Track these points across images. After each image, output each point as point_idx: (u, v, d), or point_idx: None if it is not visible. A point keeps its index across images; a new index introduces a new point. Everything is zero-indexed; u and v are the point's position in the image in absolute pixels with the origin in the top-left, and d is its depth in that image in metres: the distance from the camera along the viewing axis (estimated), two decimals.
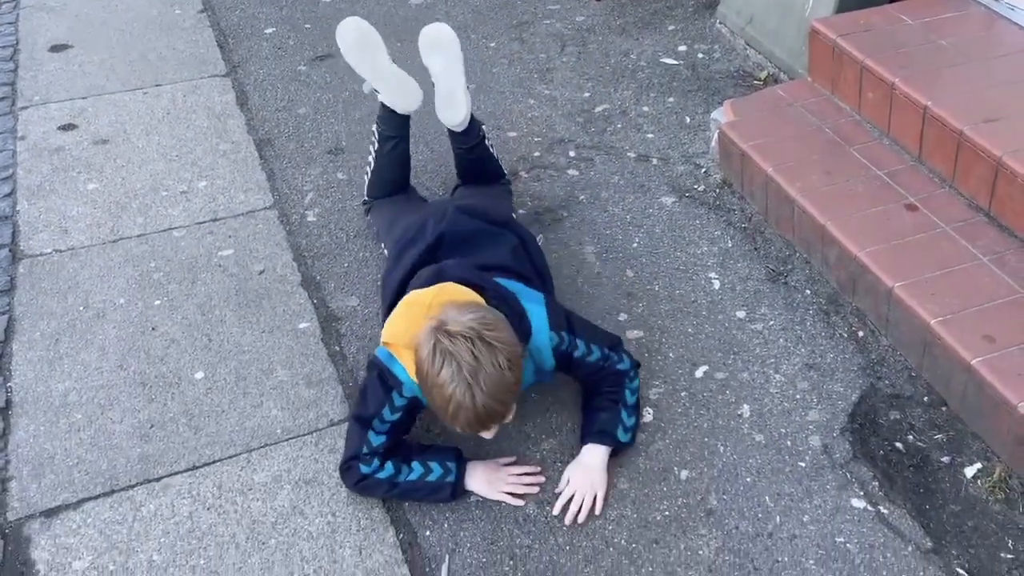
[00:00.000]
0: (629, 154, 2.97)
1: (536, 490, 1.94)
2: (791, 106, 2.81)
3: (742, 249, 2.58)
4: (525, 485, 1.94)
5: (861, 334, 2.29)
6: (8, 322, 2.40)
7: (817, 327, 2.32)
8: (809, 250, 2.49)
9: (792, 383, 2.18)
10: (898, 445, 2.03)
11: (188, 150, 3.05)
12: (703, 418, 2.10)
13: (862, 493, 1.93)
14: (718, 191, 2.79)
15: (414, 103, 2.51)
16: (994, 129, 2.32)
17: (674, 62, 3.43)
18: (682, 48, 3.50)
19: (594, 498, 1.91)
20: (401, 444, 1.94)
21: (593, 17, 3.74)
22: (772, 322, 2.34)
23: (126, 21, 3.81)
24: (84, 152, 3.04)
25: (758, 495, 1.94)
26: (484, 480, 1.94)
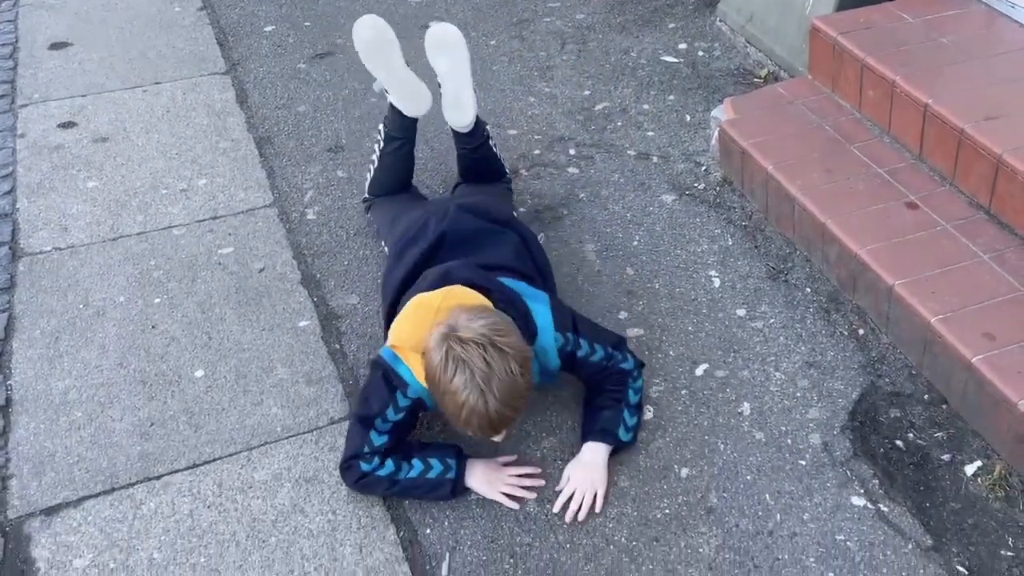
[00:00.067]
0: (629, 152, 2.97)
1: (533, 495, 1.93)
2: (791, 104, 2.81)
3: (742, 247, 2.58)
4: (523, 488, 1.94)
5: (861, 332, 2.29)
6: (8, 320, 2.40)
7: (817, 325, 2.32)
8: (809, 248, 2.49)
9: (792, 381, 2.18)
10: (898, 443, 2.03)
11: (188, 148, 3.05)
12: (703, 416, 2.10)
13: (862, 491, 1.93)
14: (718, 189, 2.79)
15: (423, 107, 2.50)
16: (995, 127, 2.32)
17: (674, 60, 3.42)
18: (682, 46, 3.50)
19: (594, 496, 1.91)
20: (402, 442, 1.94)
21: (593, 15, 3.74)
22: (772, 320, 2.34)
23: (126, 19, 3.81)
24: (84, 150, 3.04)
25: (758, 493, 1.94)
26: (483, 479, 1.94)
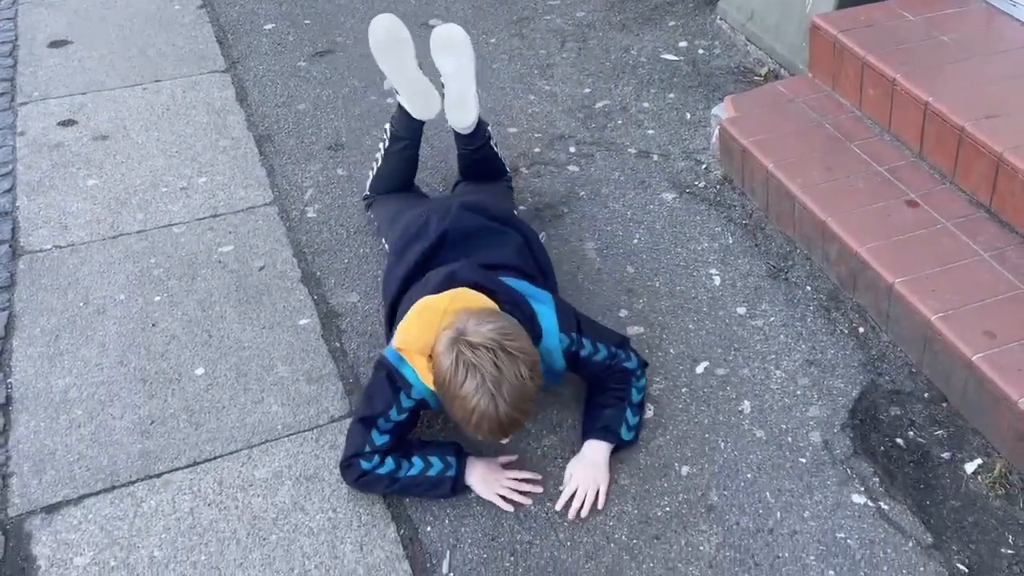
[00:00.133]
0: (630, 150, 2.97)
1: (529, 501, 1.92)
2: (792, 102, 2.81)
3: (743, 245, 2.58)
4: (520, 493, 1.93)
5: (862, 330, 2.29)
6: (8, 318, 2.40)
7: (818, 323, 2.32)
8: (810, 246, 2.49)
9: (793, 379, 2.18)
10: (899, 441, 2.03)
11: (188, 146, 3.04)
12: (704, 414, 2.11)
13: (863, 489, 1.93)
14: (719, 187, 2.79)
15: (431, 111, 2.50)
16: (995, 125, 2.32)
17: (674, 58, 3.42)
18: (683, 44, 3.50)
19: (596, 493, 1.91)
20: (403, 441, 1.94)
21: (593, 13, 3.73)
22: (773, 318, 2.34)
23: (125, 17, 3.81)
24: (84, 148, 3.04)
25: (759, 491, 1.94)
26: (482, 478, 1.93)
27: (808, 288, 2.43)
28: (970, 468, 1.96)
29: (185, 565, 1.83)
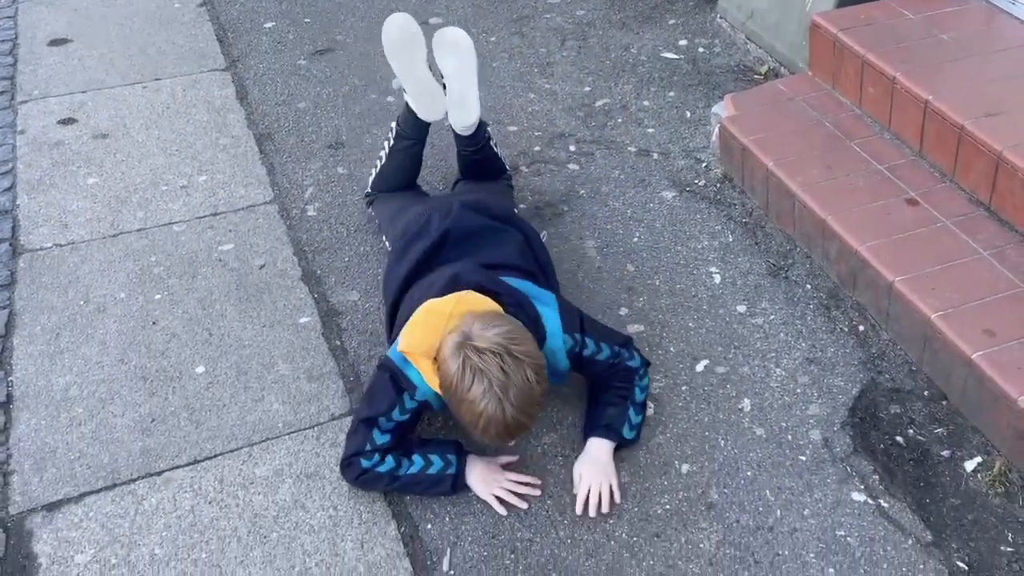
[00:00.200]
0: (630, 148, 2.97)
1: (525, 505, 1.90)
2: (792, 100, 2.81)
3: (743, 244, 2.58)
4: (517, 496, 1.92)
5: (862, 328, 2.29)
6: (9, 316, 2.40)
7: (818, 321, 2.32)
8: (810, 244, 2.49)
9: (793, 377, 2.18)
10: (898, 439, 2.03)
11: (188, 144, 3.04)
12: (704, 412, 2.11)
13: (862, 487, 1.94)
14: (719, 186, 2.79)
15: (436, 113, 2.50)
16: (995, 124, 2.32)
17: (675, 56, 3.42)
18: (683, 42, 3.50)
19: (610, 487, 1.92)
20: (403, 440, 1.94)
21: (593, 11, 3.73)
22: (773, 316, 2.35)
23: (125, 15, 3.80)
24: (84, 146, 3.04)
25: (759, 489, 1.94)
26: (480, 478, 1.93)
27: (808, 286, 2.43)
28: (970, 466, 1.96)
29: (186, 563, 1.83)
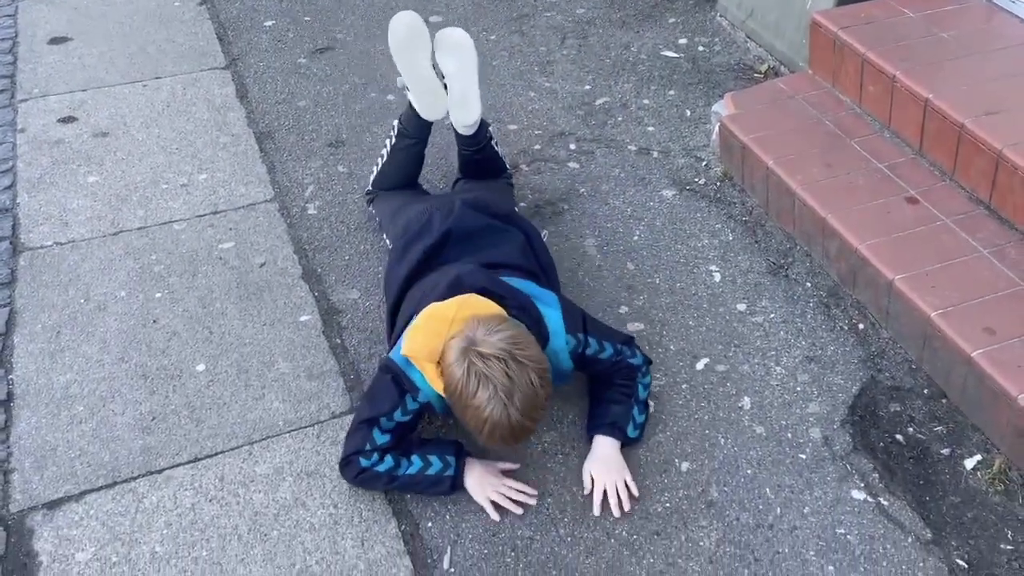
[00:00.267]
0: (630, 147, 2.97)
1: (519, 511, 1.89)
2: (792, 99, 2.81)
3: (743, 242, 2.58)
4: (512, 501, 1.90)
5: (861, 327, 2.30)
6: (9, 315, 2.40)
7: (818, 320, 2.33)
8: (810, 243, 2.49)
9: (793, 375, 2.18)
10: (898, 437, 2.03)
11: (188, 143, 3.04)
12: (704, 410, 2.11)
13: (862, 485, 1.94)
14: (719, 184, 2.80)
15: (438, 112, 2.50)
16: (995, 122, 2.32)
17: (675, 55, 3.42)
18: (683, 41, 3.50)
19: (625, 483, 1.92)
20: (403, 440, 1.94)
21: (593, 10, 3.73)
22: (773, 315, 2.35)
23: (125, 13, 3.80)
24: (84, 145, 3.04)
25: (759, 487, 1.94)
26: (477, 481, 1.92)
27: (808, 285, 2.43)
28: (969, 464, 1.97)
29: (187, 561, 1.83)
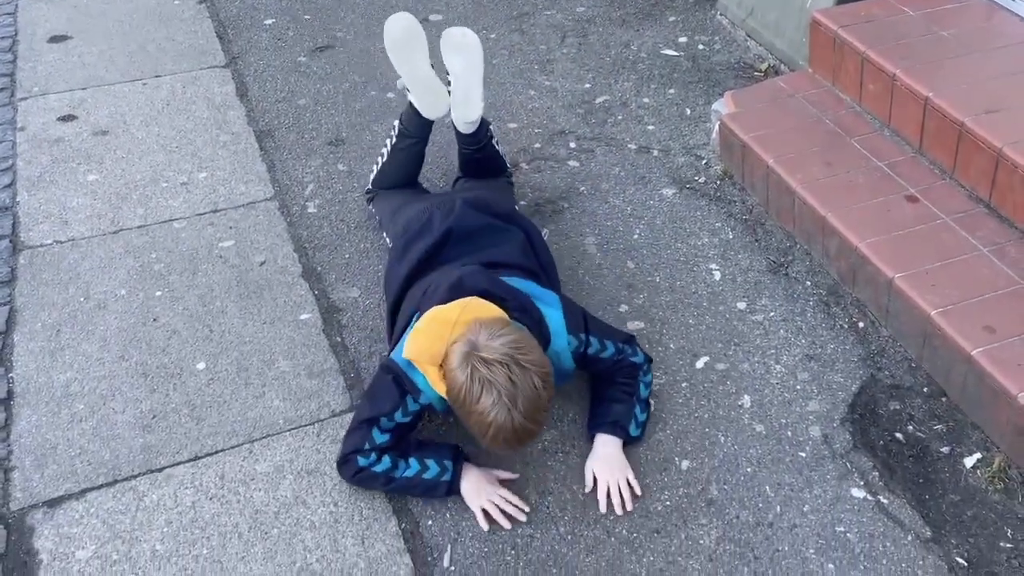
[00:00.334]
0: (630, 145, 2.97)
1: (508, 526, 1.87)
2: (792, 97, 2.81)
3: (743, 240, 2.58)
4: (503, 514, 1.88)
5: (861, 325, 2.30)
6: (9, 313, 2.40)
7: (817, 318, 2.33)
8: (810, 241, 2.49)
9: (792, 374, 2.19)
10: (898, 435, 2.04)
11: (188, 141, 3.04)
12: (704, 408, 2.11)
13: (862, 483, 1.94)
14: (719, 182, 2.80)
15: (440, 110, 2.51)
16: (995, 120, 2.33)
17: (675, 53, 3.42)
18: (683, 39, 3.50)
19: (628, 481, 1.92)
20: (402, 441, 1.94)
21: (593, 8, 3.73)
22: (773, 313, 2.35)
23: (125, 12, 3.80)
24: (84, 143, 3.04)
25: (758, 485, 1.95)
26: (472, 487, 1.91)
27: (808, 283, 2.43)
28: (969, 462, 1.97)
29: (187, 559, 1.84)
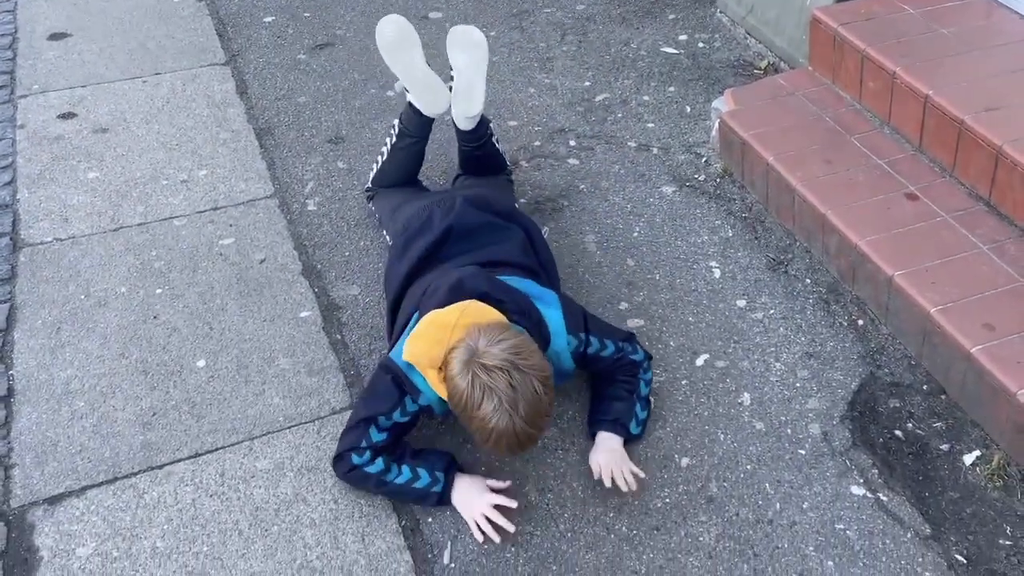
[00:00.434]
0: (630, 143, 2.97)
1: (497, 539, 1.84)
2: (792, 95, 2.81)
3: (743, 238, 2.58)
4: (492, 526, 1.86)
5: (861, 323, 2.30)
6: (10, 310, 2.40)
7: (817, 316, 2.33)
8: (809, 239, 2.50)
9: (792, 371, 2.19)
10: (897, 433, 2.04)
11: (188, 139, 3.04)
12: (703, 406, 2.11)
13: (862, 480, 1.94)
14: (719, 180, 2.80)
15: (441, 106, 2.51)
16: (994, 118, 2.33)
17: (675, 51, 3.42)
18: (683, 37, 3.50)
19: (631, 471, 1.92)
20: (399, 441, 1.93)
21: (593, 6, 3.73)
22: (772, 311, 2.35)
23: (125, 9, 3.80)
24: (84, 141, 3.04)
25: (758, 482, 1.95)
26: (464, 499, 1.89)
27: (808, 281, 2.43)
28: (968, 460, 1.97)
29: (187, 556, 1.84)
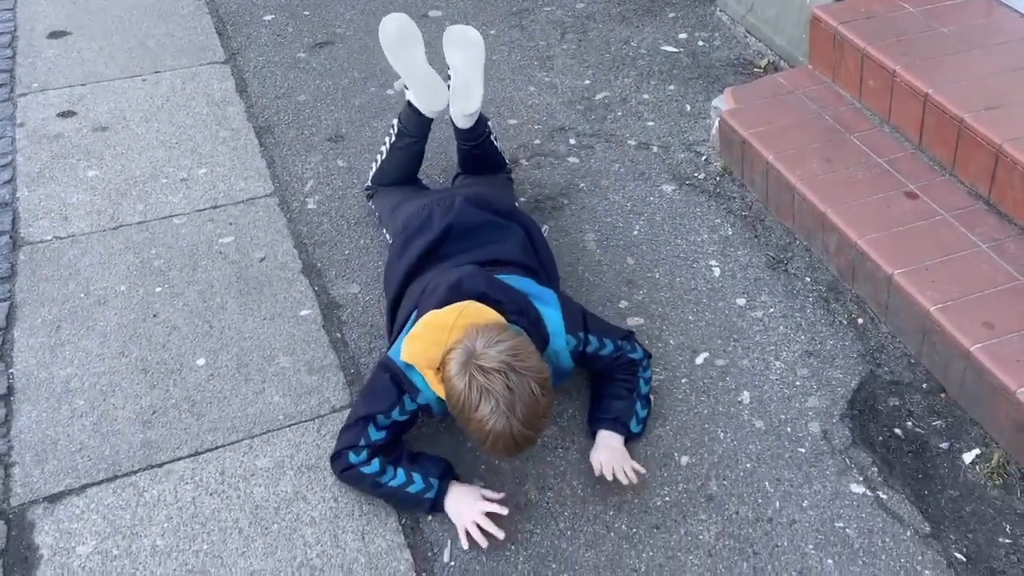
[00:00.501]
0: (629, 142, 2.97)
1: (485, 544, 1.83)
2: (792, 94, 2.81)
3: (742, 237, 2.58)
4: (486, 533, 1.84)
5: (861, 321, 2.30)
6: (9, 309, 2.40)
7: (817, 314, 2.33)
8: (809, 238, 2.50)
9: (792, 370, 2.19)
10: (897, 431, 2.04)
11: (188, 137, 3.04)
12: (703, 404, 2.11)
13: (861, 478, 1.94)
14: (718, 179, 2.80)
15: (440, 104, 2.51)
16: (994, 117, 2.33)
17: (674, 50, 3.42)
18: (682, 36, 3.50)
19: (632, 468, 1.92)
20: (397, 441, 1.94)
21: (593, 4, 3.73)
22: (772, 309, 2.35)
23: (124, 8, 3.80)
24: (83, 139, 3.04)
25: (758, 481, 1.95)
26: (457, 507, 1.88)
27: (807, 279, 2.43)
28: (968, 458, 1.97)
29: (187, 554, 1.84)
